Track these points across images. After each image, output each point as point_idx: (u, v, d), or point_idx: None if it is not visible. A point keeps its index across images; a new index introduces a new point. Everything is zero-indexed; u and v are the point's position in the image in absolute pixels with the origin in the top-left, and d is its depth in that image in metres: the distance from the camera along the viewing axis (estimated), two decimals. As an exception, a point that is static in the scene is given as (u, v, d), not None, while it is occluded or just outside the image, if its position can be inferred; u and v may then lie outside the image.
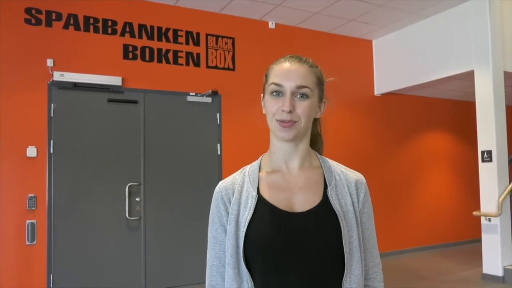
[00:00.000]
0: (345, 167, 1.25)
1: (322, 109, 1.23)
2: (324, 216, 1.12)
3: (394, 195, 6.85)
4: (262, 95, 1.23)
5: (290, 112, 1.11)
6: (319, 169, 1.21)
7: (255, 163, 1.24)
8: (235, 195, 1.17)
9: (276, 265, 1.08)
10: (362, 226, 1.17)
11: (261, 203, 1.14)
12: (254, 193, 1.15)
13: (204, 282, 1.22)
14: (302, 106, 1.13)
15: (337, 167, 1.23)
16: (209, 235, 1.20)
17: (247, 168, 1.24)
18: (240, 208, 1.14)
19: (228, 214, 1.15)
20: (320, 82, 1.20)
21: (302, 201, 1.14)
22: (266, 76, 1.20)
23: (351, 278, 1.10)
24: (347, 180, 1.19)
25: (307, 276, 1.08)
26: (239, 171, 1.25)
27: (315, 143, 1.28)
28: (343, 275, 1.09)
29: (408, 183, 7.12)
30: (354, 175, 1.22)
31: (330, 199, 1.14)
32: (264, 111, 1.21)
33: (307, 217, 1.11)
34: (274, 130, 1.16)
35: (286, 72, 1.15)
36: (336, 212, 1.12)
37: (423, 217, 7.20)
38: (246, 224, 1.11)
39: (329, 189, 1.16)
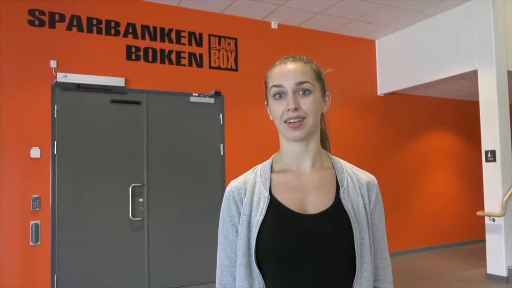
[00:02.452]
0: (356, 167, 1.24)
1: (328, 102, 1.22)
2: (336, 218, 1.11)
3: (397, 195, 6.83)
4: (265, 102, 1.23)
5: (296, 109, 1.11)
6: (331, 169, 1.20)
7: (267, 163, 1.23)
8: (247, 196, 1.16)
9: (287, 266, 1.08)
10: (373, 227, 1.17)
11: (273, 204, 1.13)
12: (266, 194, 1.14)
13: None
14: (306, 103, 1.13)
15: (348, 167, 1.23)
16: (219, 234, 1.19)
17: (258, 167, 1.23)
18: (252, 209, 1.14)
19: (240, 214, 1.15)
20: (318, 76, 1.19)
21: (314, 202, 1.13)
22: (265, 84, 1.21)
23: (362, 280, 1.10)
24: (358, 181, 1.19)
25: (318, 277, 1.08)
26: (250, 170, 1.24)
27: (322, 141, 1.27)
28: (353, 277, 1.09)
29: (411, 183, 7.11)
30: (366, 177, 1.21)
31: (343, 200, 1.13)
32: (271, 118, 1.21)
33: (319, 219, 1.11)
34: (284, 132, 1.15)
35: (283, 73, 1.15)
36: (349, 214, 1.11)
37: (427, 217, 7.18)
38: (258, 225, 1.11)
39: (341, 190, 1.15)
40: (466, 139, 7.81)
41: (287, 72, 1.15)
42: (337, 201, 1.13)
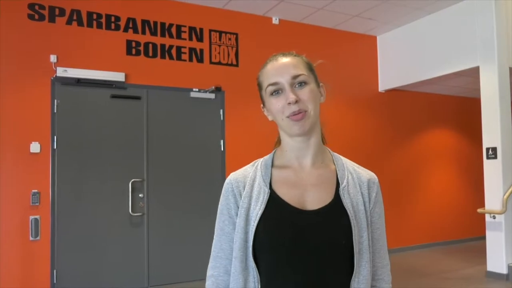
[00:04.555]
0: (357, 165, 1.23)
1: (323, 93, 1.21)
2: (335, 215, 1.11)
3: (397, 192, 6.82)
4: (261, 105, 1.22)
5: (296, 102, 1.10)
6: (331, 166, 1.19)
7: (268, 157, 1.22)
8: (246, 189, 1.15)
9: (284, 262, 1.08)
10: (372, 226, 1.16)
11: (273, 199, 1.13)
12: (267, 189, 1.14)
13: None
14: (305, 93, 1.12)
15: (349, 165, 1.22)
16: (216, 226, 1.19)
17: (259, 161, 1.22)
18: (251, 202, 1.13)
19: (238, 207, 1.14)
20: (310, 68, 1.19)
21: (313, 199, 1.13)
22: (259, 85, 1.20)
23: (360, 278, 1.09)
24: (359, 179, 1.18)
25: (315, 274, 1.07)
26: (251, 164, 1.23)
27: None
28: (351, 275, 1.09)
29: (412, 180, 7.10)
30: (367, 174, 1.20)
31: (342, 198, 1.13)
32: (270, 119, 1.20)
33: (318, 215, 1.10)
34: (287, 128, 1.14)
35: (276, 69, 1.14)
36: (348, 211, 1.11)
37: (427, 214, 7.18)
38: (257, 219, 1.10)
39: (341, 187, 1.14)
40: (467, 136, 7.79)
41: (280, 68, 1.14)
42: (337, 198, 1.13)
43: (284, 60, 1.15)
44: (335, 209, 1.11)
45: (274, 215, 1.10)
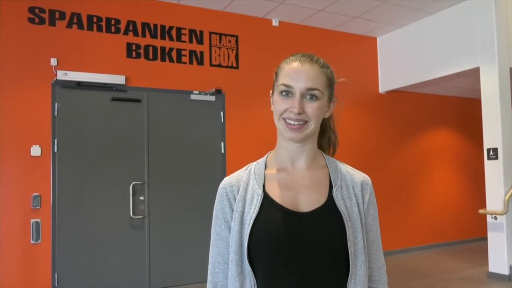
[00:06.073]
0: (351, 167, 1.23)
1: (331, 108, 1.21)
2: (329, 216, 1.11)
3: (399, 193, 6.82)
4: (271, 91, 1.21)
5: (299, 113, 1.10)
6: (325, 168, 1.20)
7: (261, 160, 1.23)
8: (240, 192, 1.15)
9: (279, 264, 1.08)
10: (367, 227, 1.16)
11: (267, 201, 1.13)
12: (260, 191, 1.14)
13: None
14: (311, 107, 1.12)
15: (343, 167, 1.22)
16: (212, 231, 1.19)
17: (252, 165, 1.23)
18: (245, 206, 1.13)
19: (233, 211, 1.14)
20: (330, 83, 1.18)
21: (307, 200, 1.13)
22: (276, 74, 1.19)
23: (356, 279, 1.09)
24: (352, 180, 1.18)
25: (311, 276, 1.07)
26: (244, 168, 1.23)
27: (329, 140, 1.28)
28: (347, 276, 1.09)
29: (413, 181, 7.09)
30: (360, 176, 1.20)
31: (335, 199, 1.13)
32: (272, 108, 1.19)
33: (312, 217, 1.10)
34: (282, 131, 1.15)
35: (296, 73, 1.13)
36: (341, 212, 1.11)
37: (428, 215, 7.16)
38: (251, 222, 1.10)
39: (334, 189, 1.14)
40: (468, 137, 7.77)
41: (300, 74, 1.12)
42: (330, 199, 1.13)
43: (308, 67, 1.13)
44: (329, 211, 1.11)
45: (268, 218, 1.10)
